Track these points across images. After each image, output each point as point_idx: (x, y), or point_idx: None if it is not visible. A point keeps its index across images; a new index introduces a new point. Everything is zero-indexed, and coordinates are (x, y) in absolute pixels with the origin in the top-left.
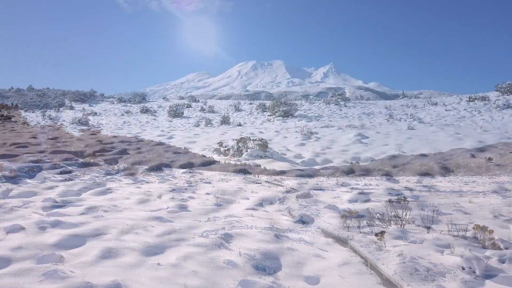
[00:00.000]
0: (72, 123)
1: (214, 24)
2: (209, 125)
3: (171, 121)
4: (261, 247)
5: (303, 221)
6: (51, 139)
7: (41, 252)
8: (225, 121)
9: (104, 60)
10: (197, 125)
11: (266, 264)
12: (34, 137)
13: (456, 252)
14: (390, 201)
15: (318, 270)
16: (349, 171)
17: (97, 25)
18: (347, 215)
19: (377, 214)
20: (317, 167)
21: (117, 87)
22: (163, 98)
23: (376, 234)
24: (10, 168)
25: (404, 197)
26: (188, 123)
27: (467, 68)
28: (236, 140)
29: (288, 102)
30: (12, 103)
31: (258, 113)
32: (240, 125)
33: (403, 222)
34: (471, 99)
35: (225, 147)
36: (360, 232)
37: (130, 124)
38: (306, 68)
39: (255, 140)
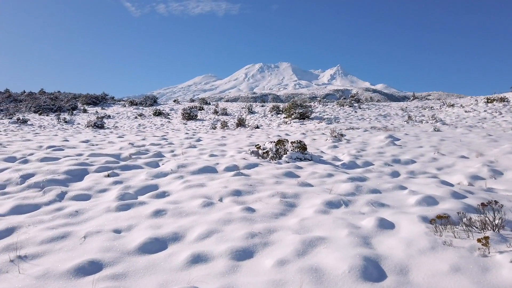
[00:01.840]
0: (88, 126)
1: (221, 26)
2: (225, 128)
3: (186, 124)
4: (354, 253)
5: (384, 225)
6: (83, 142)
7: (127, 257)
8: (241, 123)
9: (111, 63)
10: (214, 127)
11: (372, 271)
12: (66, 140)
13: None
14: (483, 204)
15: (428, 277)
16: (395, 173)
17: (104, 28)
18: (435, 219)
19: (464, 219)
20: (359, 169)
21: (125, 90)
22: (174, 101)
23: (479, 240)
24: (57, 170)
25: (495, 200)
26: (203, 126)
27: (475, 70)
28: (274, 142)
29: (304, 104)
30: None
31: (272, 115)
32: (257, 127)
33: (496, 226)
34: (489, 100)
35: (263, 149)
36: (455, 237)
37: (146, 127)
38: (313, 70)
39: (294, 142)
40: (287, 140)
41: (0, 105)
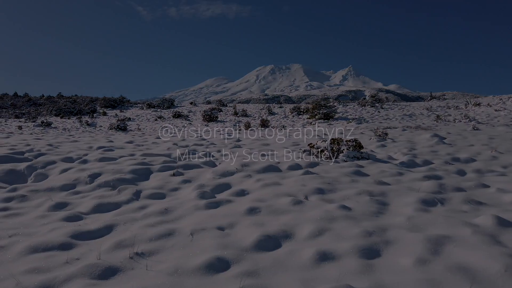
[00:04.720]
0: (110, 128)
1: (232, 29)
2: (249, 129)
3: (208, 125)
4: (497, 252)
5: (503, 223)
6: (128, 142)
7: (248, 254)
8: (264, 124)
9: (123, 67)
10: (239, 129)
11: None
12: (111, 141)
13: None
14: None
15: None
16: (461, 172)
17: (117, 32)
18: None
19: None
20: (422, 168)
21: (137, 93)
22: (191, 103)
23: None
24: (122, 170)
25: None
26: (225, 127)
27: (484, 70)
28: (327, 141)
29: (328, 104)
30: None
31: (293, 116)
32: (284, 127)
33: None
34: None
35: (317, 148)
36: None
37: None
38: (324, 71)
39: (349, 141)
40: (341, 139)
41: (21, 108)
